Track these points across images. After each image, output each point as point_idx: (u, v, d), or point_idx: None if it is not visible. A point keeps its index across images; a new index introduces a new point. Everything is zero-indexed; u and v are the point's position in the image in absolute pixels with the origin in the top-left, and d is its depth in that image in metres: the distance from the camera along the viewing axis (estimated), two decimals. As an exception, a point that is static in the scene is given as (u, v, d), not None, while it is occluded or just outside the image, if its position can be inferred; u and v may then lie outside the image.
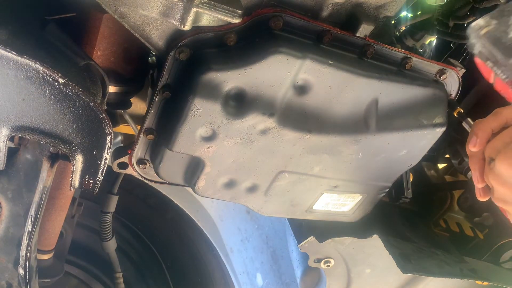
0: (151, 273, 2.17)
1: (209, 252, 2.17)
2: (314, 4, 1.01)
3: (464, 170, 1.81)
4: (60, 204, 1.33)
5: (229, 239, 2.10)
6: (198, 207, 2.10)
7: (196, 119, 0.97)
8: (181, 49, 0.94)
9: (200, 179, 1.10)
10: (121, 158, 1.14)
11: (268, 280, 1.89)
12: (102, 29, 1.07)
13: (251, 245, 2.00)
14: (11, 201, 1.11)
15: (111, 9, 0.88)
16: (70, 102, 0.88)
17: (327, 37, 0.99)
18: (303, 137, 1.06)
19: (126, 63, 1.14)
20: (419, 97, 1.10)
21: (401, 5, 1.07)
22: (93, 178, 0.98)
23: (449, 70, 1.14)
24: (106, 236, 1.60)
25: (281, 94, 0.99)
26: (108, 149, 0.94)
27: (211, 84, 0.93)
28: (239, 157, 1.07)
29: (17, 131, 0.90)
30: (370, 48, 1.03)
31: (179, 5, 0.86)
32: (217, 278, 2.16)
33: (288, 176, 1.15)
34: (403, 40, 1.51)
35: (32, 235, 1.12)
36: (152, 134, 1.07)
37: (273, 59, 0.93)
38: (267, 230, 1.92)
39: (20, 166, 1.09)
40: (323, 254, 1.46)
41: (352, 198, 1.28)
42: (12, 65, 0.82)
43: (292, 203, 1.24)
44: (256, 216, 1.97)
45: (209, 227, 2.13)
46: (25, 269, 1.15)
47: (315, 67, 0.97)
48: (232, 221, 2.07)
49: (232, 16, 0.89)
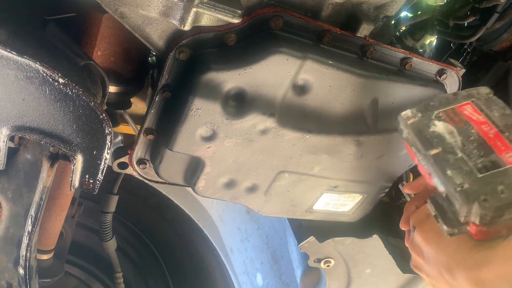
0: (151, 273, 2.17)
1: (209, 252, 2.16)
2: (314, 4, 1.01)
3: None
4: (60, 204, 1.33)
5: (229, 239, 2.10)
6: (198, 207, 2.10)
7: (196, 119, 0.97)
8: (181, 49, 0.94)
9: (200, 179, 1.10)
10: (121, 158, 1.14)
11: (268, 280, 1.89)
12: (102, 29, 1.07)
13: (251, 245, 2.00)
14: (11, 201, 1.11)
15: (111, 9, 0.88)
16: (70, 102, 0.88)
17: (327, 37, 0.99)
18: (303, 137, 1.06)
19: (126, 63, 1.14)
20: (419, 97, 1.10)
21: (401, 5, 1.07)
22: (93, 178, 0.98)
23: (449, 70, 1.14)
24: (106, 236, 1.61)
25: (281, 94, 0.99)
26: (108, 149, 0.94)
27: (211, 84, 0.93)
28: (239, 157, 1.07)
29: (17, 131, 0.90)
30: (370, 48, 1.03)
31: (179, 5, 0.86)
32: (217, 278, 2.15)
33: (288, 176, 1.15)
34: (403, 40, 1.51)
35: (32, 235, 1.12)
36: (152, 134, 1.07)
37: (273, 59, 0.93)
38: (267, 230, 1.92)
39: (20, 166, 1.09)
40: (323, 254, 1.46)
41: (352, 198, 1.28)
42: (12, 65, 0.82)
43: (292, 203, 1.24)
44: (256, 216, 1.97)
45: (209, 227, 2.12)
46: (25, 269, 1.15)
47: (315, 67, 0.97)
48: (232, 221, 2.07)
49: (232, 16, 0.89)
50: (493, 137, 0.71)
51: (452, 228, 0.70)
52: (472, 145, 0.71)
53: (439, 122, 0.76)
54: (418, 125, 0.78)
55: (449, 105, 0.78)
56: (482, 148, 0.71)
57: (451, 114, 0.77)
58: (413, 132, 0.78)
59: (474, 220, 0.67)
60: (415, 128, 0.78)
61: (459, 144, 0.72)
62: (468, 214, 0.67)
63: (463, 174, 0.69)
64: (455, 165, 0.70)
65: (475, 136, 0.72)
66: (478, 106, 0.77)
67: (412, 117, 0.79)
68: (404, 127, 0.80)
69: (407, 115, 0.80)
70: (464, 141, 0.72)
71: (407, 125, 0.79)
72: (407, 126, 0.79)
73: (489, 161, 0.69)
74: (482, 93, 0.79)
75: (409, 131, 0.79)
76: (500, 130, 0.72)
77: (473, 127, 0.74)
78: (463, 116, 0.76)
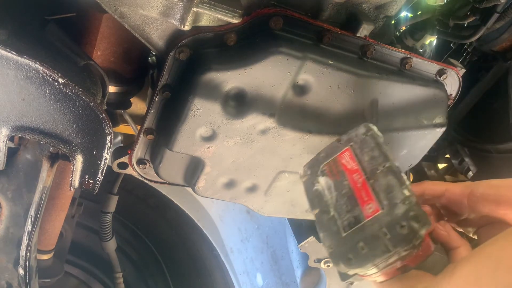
0: (151, 273, 2.17)
1: (209, 252, 2.16)
2: (314, 4, 1.00)
3: (464, 170, 1.81)
4: (60, 204, 1.33)
5: (229, 239, 2.10)
6: (198, 207, 2.10)
7: (196, 119, 0.97)
8: (181, 49, 0.94)
9: (200, 179, 1.10)
10: (121, 158, 1.14)
11: (268, 280, 1.89)
12: (102, 29, 1.07)
13: (251, 245, 2.00)
14: (11, 201, 1.11)
15: (111, 9, 0.88)
16: (70, 102, 0.88)
17: (327, 37, 0.99)
18: (303, 137, 1.06)
19: (126, 63, 1.14)
20: (419, 97, 1.10)
21: (401, 5, 1.07)
22: (93, 178, 0.98)
23: (449, 70, 1.14)
24: (106, 236, 1.60)
25: (281, 94, 0.99)
26: (108, 149, 0.94)
27: (211, 84, 0.93)
28: (239, 157, 1.07)
29: (17, 131, 0.90)
30: (370, 48, 1.03)
31: (179, 5, 0.86)
32: (217, 278, 2.15)
33: (288, 176, 1.15)
34: (403, 40, 1.51)
35: (32, 235, 1.12)
36: (152, 134, 1.07)
37: (273, 59, 0.93)
38: (267, 230, 1.92)
39: (20, 166, 1.09)
40: (323, 254, 1.46)
41: (352, 198, 1.28)
42: (12, 65, 0.82)
43: (292, 203, 1.24)
44: (256, 216, 1.97)
45: (209, 227, 2.12)
46: (25, 269, 1.15)
47: (315, 67, 0.97)
48: (232, 221, 2.07)
49: (232, 16, 0.89)
50: (360, 186, 0.70)
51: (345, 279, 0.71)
52: (343, 199, 0.71)
53: (322, 177, 0.76)
54: (306, 185, 0.78)
55: (333, 155, 0.77)
56: (349, 202, 0.70)
57: (332, 166, 0.76)
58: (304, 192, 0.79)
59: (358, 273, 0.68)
60: (305, 188, 0.78)
61: (333, 201, 0.72)
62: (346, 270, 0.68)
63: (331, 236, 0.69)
64: (326, 225, 0.71)
65: (346, 189, 0.72)
66: (354, 151, 0.75)
67: (304, 176, 0.80)
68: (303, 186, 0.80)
69: (301, 173, 0.80)
70: (337, 196, 0.72)
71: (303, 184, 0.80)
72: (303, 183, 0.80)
73: (353, 217, 0.68)
74: (359, 134, 0.76)
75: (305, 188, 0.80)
76: (367, 177, 0.70)
77: (347, 178, 0.72)
78: (341, 167, 0.75)
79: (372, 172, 0.70)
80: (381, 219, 0.65)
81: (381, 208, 0.66)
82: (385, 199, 0.66)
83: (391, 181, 0.67)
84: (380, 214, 0.65)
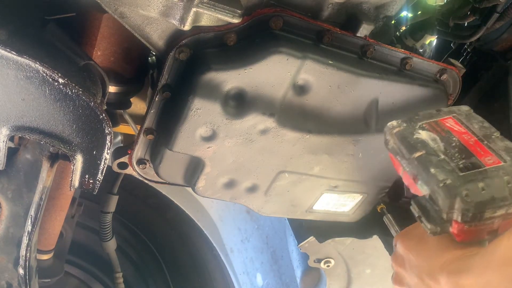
0: (151, 273, 2.17)
1: (209, 252, 2.16)
2: (314, 4, 1.00)
3: (464, 170, 1.81)
4: (60, 204, 1.33)
5: (229, 239, 2.10)
6: (198, 207, 2.10)
7: (196, 119, 0.97)
8: (181, 49, 0.94)
9: (200, 179, 1.10)
10: (121, 158, 1.14)
11: (268, 280, 1.89)
12: (102, 29, 1.07)
13: (251, 245, 2.00)
14: (11, 201, 1.11)
15: (111, 9, 0.88)
16: (70, 102, 0.88)
17: (327, 37, 0.99)
18: (303, 137, 1.06)
19: (126, 63, 1.14)
20: (419, 96, 1.10)
21: (401, 5, 1.07)
22: (93, 178, 0.98)
23: (449, 70, 1.14)
24: (106, 236, 1.60)
25: (281, 94, 0.99)
26: (108, 149, 0.94)
27: (211, 84, 0.93)
28: (239, 157, 1.07)
29: (17, 131, 0.90)
30: (370, 48, 1.03)
31: (179, 5, 0.86)
32: (217, 278, 2.15)
33: (288, 176, 1.15)
34: (403, 40, 1.51)
35: (32, 235, 1.12)
36: (152, 134, 1.07)
37: (273, 59, 0.93)
38: (267, 230, 1.92)
39: (20, 166, 1.09)
40: (323, 254, 1.46)
41: (352, 198, 1.28)
42: (12, 65, 0.82)
43: (292, 203, 1.24)
44: (256, 216, 1.97)
45: (209, 227, 2.13)
46: (25, 269, 1.15)
47: (315, 67, 0.97)
48: (232, 221, 2.07)
49: (232, 16, 0.89)
50: (473, 144, 0.77)
51: (435, 226, 0.74)
52: (454, 149, 0.77)
53: (423, 131, 0.82)
54: (403, 133, 0.83)
55: (432, 118, 0.84)
56: (463, 152, 0.76)
57: (434, 125, 0.83)
58: (398, 140, 0.83)
59: (456, 217, 0.70)
60: (400, 136, 0.83)
61: (441, 149, 0.77)
62: (450, 210, 0.71)
63: (446, 172, 0.73)
64: (438, 164, 0.75)
65: (457, 143, 0.78)
66: (459, 120, 0.83)
67: (397, 127, 0.84)
68: (390, 136, 0.85)
69: (392, 125, 0.85)
70: (446, 146, 0.78)
71: (392, 134, 0.84)
72: (392, 136, 0.84)
73: (470, 163, 0.74)
74: (462, 110, 0.85)
75: (394, 140, 0.83)
76: (480, 139, 0.77)
77: (455, 136, 0.79)
78: (445, 127, 0.82)
79: (486, 136, 0.78)
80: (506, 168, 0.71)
81: (503, 161, 0.72)
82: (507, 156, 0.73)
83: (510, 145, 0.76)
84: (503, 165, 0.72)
